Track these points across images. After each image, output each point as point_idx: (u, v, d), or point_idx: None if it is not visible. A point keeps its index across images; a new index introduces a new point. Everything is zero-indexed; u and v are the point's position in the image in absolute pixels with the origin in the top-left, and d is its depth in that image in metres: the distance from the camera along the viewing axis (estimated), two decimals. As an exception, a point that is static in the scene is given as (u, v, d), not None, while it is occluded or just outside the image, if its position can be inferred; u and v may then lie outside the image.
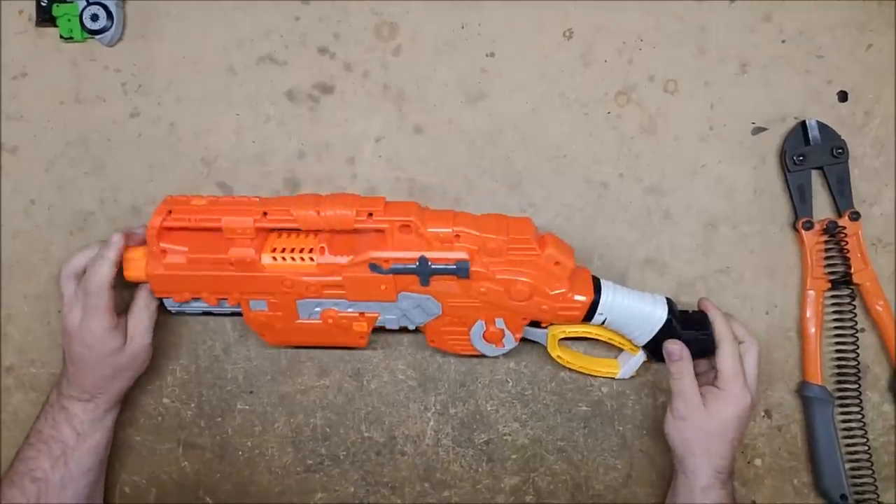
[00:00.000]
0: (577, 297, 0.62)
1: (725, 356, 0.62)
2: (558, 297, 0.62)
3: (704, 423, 0.62)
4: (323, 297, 0.63)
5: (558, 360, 0.68)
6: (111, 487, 0.73)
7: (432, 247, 0.61)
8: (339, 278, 0.62)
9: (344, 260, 0.62)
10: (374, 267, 0.61)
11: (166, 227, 0.62)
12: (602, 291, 0.63)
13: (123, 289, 0.65)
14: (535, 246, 0.61)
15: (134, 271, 0.64)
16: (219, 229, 0.61)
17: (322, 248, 0.62)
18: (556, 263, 0.62)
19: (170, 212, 0.62)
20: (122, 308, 0.65)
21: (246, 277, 0.62)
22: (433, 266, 0.61)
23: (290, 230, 0.63)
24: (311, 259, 0.62)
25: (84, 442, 0.65)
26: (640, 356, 0.67)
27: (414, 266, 0.61)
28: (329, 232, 0.63)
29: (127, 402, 0.71)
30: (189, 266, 0.62)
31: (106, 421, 0.67)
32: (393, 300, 0.63)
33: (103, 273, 0.62)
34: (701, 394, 0.63)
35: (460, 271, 0.61)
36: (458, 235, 0.60)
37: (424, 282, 0.62)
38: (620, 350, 0.69)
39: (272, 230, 0.63)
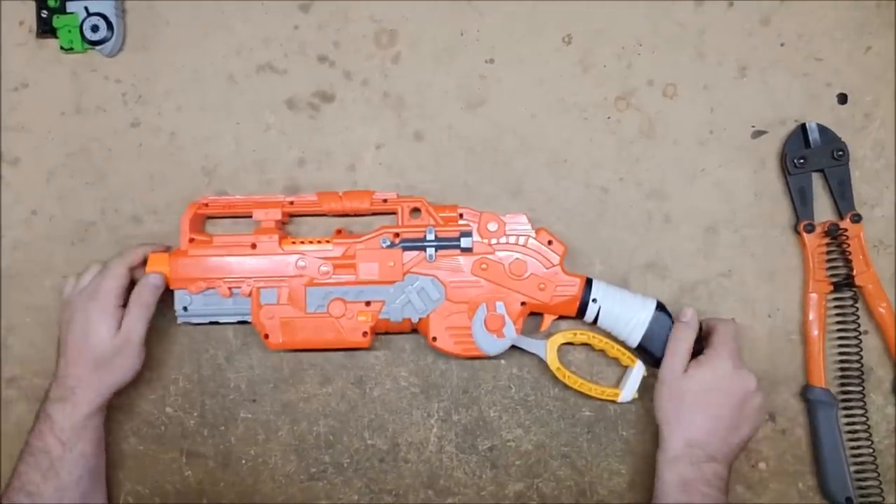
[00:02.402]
0: (570, 276, 0.67)
1: (718, 328, 0.65)
2: (553, 274, 0.66)
3: (679, 387, 0.63)
4: (332, 284, 0.67)
5: (558, 374, 0.69)
6: (115, 498, 0.73)
7: (439, 226, 0.67)
8: (353, 254, 0.67)
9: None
10: (384, 241, 0.66)
11: (200, 213, 0.68)
12: (593, 280, 0.67)
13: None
14: (531, 226, 0.67)
15: (157, 265, 0.67)
16: (249, 215, 0.68)
17: (338, 230, 0.70)
18: (550, 243, 0.67)
19: (206, 204, 0.69)
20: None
21: (265, 260, 0.67)
22: (439, 238, 0.66)
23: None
24: (328, 241, 0.68)
25: (69, 451, 0.64)
26: (639, 370, 0.68)
27: (422, 239, 0.66)
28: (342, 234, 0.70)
29: (129, 412, 0.71)
30: (213, 248, 0.67)
31: (88, 429, 0.65)
32: (400, 279, 0.66)
33: (117, 274, 0.65)
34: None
35: (463, 242, 0.66)
36: (461, 215, 0.67)
37: (431, 257, 0.66)
38: (618, 365, 0.70)
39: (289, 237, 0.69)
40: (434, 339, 0.67)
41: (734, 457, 0.64)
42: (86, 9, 0.69)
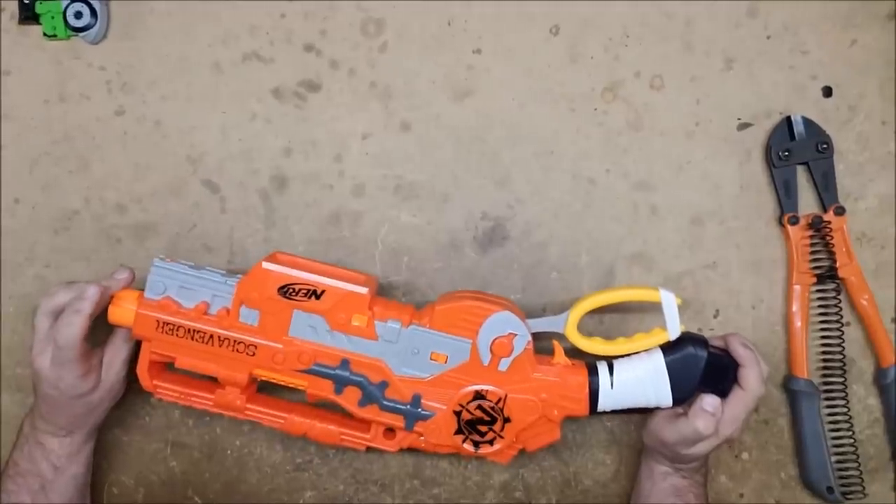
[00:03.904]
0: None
1: (738, 404, 0.62)
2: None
3: (682, 454, 0.63)
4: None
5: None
6: (99, 487, 0.72)
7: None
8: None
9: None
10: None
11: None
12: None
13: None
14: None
15: (120, 318, 0.63)
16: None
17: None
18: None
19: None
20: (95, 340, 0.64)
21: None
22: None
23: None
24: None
25: (62, 475, 0.64)
26: (669, 301, 0.62)
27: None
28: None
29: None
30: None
31: (83, 453, 0.66)
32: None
33: (76, 328, 0.59)
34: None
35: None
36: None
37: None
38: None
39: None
40: None
41: None
42: (69, -5, 0.69)
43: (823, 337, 0.70)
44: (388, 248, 0.71)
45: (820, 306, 0.70)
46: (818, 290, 0.70)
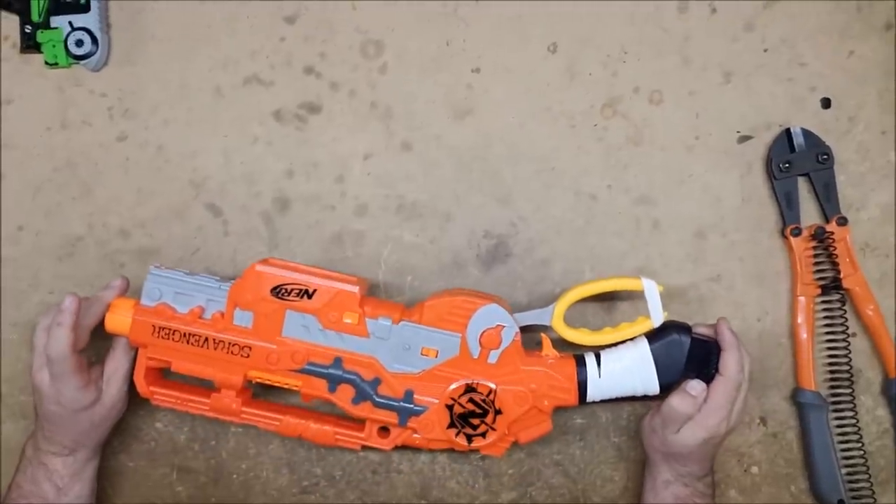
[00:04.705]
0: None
1: (718, 389, 0.61)
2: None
3: (670, 442, 0.62)
4: None
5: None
6: (105, 515, 0.72)
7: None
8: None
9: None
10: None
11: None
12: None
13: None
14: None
15: (117, 326, 0.63)
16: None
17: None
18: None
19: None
20: (94, 351, 0.64)
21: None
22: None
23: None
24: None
25: (66, 496, 0.64)
26: (651, 288, 0.63)
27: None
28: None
29: (118, 427, 0.70)
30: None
31: (87, 472, 0.66)
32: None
33: (61, 341, 0.60)
34: None
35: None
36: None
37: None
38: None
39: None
40: None
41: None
42: (70, 23, 0.69)
43: (830, 348, 0.70)
44: (392, 268, 0.71)
45: (825, 317, 0.70)
46: (823, 302, 0.70)
